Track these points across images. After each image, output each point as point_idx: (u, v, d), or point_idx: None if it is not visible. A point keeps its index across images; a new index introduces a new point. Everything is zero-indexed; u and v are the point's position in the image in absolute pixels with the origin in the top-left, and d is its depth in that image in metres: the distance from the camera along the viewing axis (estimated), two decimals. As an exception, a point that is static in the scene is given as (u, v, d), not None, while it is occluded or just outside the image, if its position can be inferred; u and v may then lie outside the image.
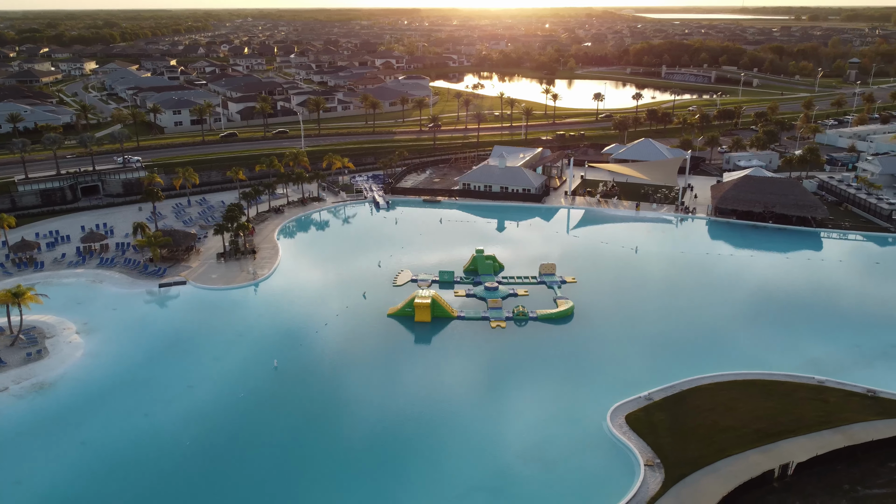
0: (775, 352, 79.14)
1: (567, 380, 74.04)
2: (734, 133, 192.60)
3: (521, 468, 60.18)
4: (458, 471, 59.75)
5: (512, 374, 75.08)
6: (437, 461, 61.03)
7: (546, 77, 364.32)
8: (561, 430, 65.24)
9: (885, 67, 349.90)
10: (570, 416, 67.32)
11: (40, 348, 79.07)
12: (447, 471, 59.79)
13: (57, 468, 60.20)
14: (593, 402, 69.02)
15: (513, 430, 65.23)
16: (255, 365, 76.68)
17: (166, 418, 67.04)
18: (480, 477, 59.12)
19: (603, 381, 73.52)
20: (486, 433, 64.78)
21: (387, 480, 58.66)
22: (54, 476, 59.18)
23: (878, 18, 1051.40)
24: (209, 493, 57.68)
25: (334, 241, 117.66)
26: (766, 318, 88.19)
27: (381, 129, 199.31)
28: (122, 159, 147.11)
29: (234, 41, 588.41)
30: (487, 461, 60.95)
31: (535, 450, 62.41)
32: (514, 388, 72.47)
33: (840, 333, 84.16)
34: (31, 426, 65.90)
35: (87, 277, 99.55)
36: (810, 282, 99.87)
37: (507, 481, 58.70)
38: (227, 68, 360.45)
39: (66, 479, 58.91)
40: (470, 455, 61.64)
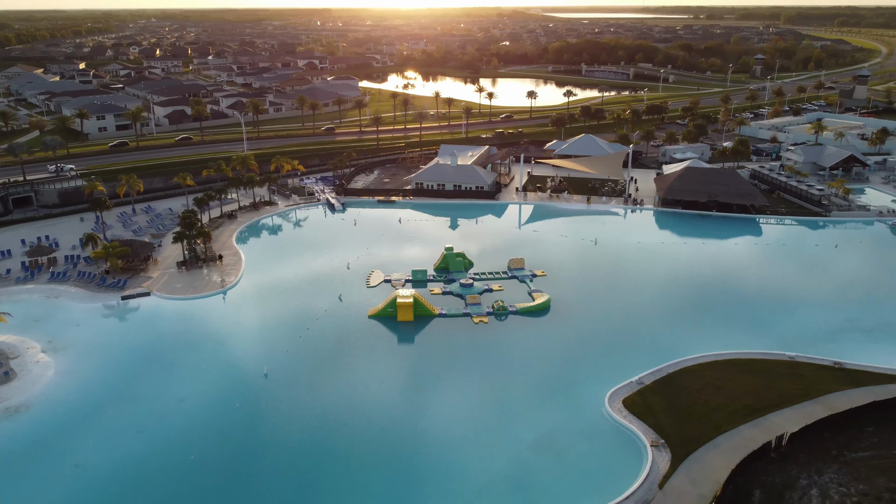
0: (744, 332, 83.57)
1: (558, 370, 75.83)
2: (662, 127, 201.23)
3: (534, 458, 61.44)
4: (474, 466, 60.39)
5: (504, 368, 76.32)
6: (451, 458, 61.43)
7: (471, 76, 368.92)
8: (564, 418, 66.91)
9: (787, 63, 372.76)
10: (569, 405, 69.11)
11: (6, 370, 74.40)
12: (462, 466, 60.29)
13: (54, 494, 57.06)
14: (588, 390, 71.12)
15: (518, 422, 66.38)
16: (244, 374, 74.82)
17: (162, 434, 64.55)
18: (497, 470, 59.95)
19: (592, 369, 75.75)
20: (493, 426, 65.71)
21: (405, 480, 58.68)
22: (53, 501, 56.06)
23: (768, 17, 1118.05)
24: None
25: (296, 245, 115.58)
26: (729, 301, 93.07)
27: (321, 130, 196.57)
28: (56, 168, 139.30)
29: (142, 43, 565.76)
30: (501, 454, 61.87)
31: (544, 439, 63.82)
32: (509, 380, 73.71)
33: (797, 312, 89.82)
34: (15, 452, 62.05)
35: (41, 293, 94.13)
36: (761, 265, 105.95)
37: (523, 472, 59.82)
38: (143, 71, 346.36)
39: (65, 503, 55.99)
40: (482, 449, 62.40)
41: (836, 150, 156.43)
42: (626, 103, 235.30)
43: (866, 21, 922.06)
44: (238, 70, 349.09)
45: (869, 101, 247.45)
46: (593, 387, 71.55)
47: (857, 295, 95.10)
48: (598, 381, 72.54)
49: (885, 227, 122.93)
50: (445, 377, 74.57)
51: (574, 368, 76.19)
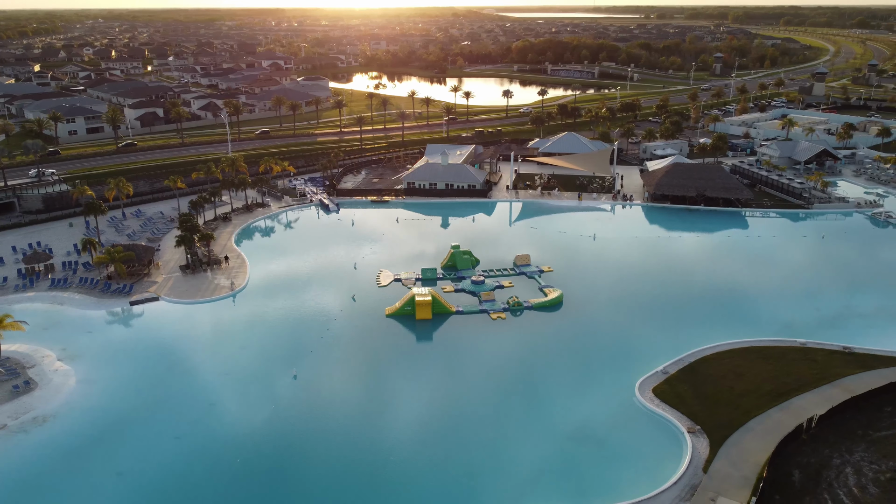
0: (751, 321, 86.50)
1: (582, 362, 77.45)
2: (635, 124, 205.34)
3: (577, 448, 62.78)
4: (520, 458, 61.41)
5: (529, 362, 77.62)
6: (496, 451, 62.29)
7: (437, 76, 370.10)
8: (598, 408, 68.46)
9: (743, 61, 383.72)
10: (601, 396, 70.69)
11: (26, 380, 72.47)
12: (509, 459, 61.23)
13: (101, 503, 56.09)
14: (617, 381, 72.93)
15: (554, 414, 67.67)
16: (272, 376, 74.40)
17: (200, 439, 63.92)
18: (543, 461, 61.09)
19: (615, 360, 77.52)
20: (533, 419, 66.85)
21: (456, 477, 59.29)
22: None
23: (716, 16, 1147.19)
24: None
25: (298, 246, 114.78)
26: (731, 291, 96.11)
27: (301, 131, 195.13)
28: (38, 172, 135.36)
29: (94, 44, 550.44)
30: (544, 445, 63.04)
31: (583, 430, 65.24)
32: (537, 374, 74.99)
33: (798, 300, 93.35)
34: (53, 463, 60.66)
35: (44, 301, 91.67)
36: (756, 256, 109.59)
37: (569, 462, 61.12)
38: (103, 73, 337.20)
39: (118, 512, 55.16)
40: (525, 441, 63.48)
41: (809, 145, 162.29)
42: (599, 101, 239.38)
43: (810, 20, 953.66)
44: (202, 71, 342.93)
45: (828, 97, 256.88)
46: (620, 377, 73.37)
47: (850, 282, 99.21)
48: (624, 371, 74.40)
49: (863, 217, 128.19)
50: (475, 373, 75.40)
51: (597, 360, 77.82)
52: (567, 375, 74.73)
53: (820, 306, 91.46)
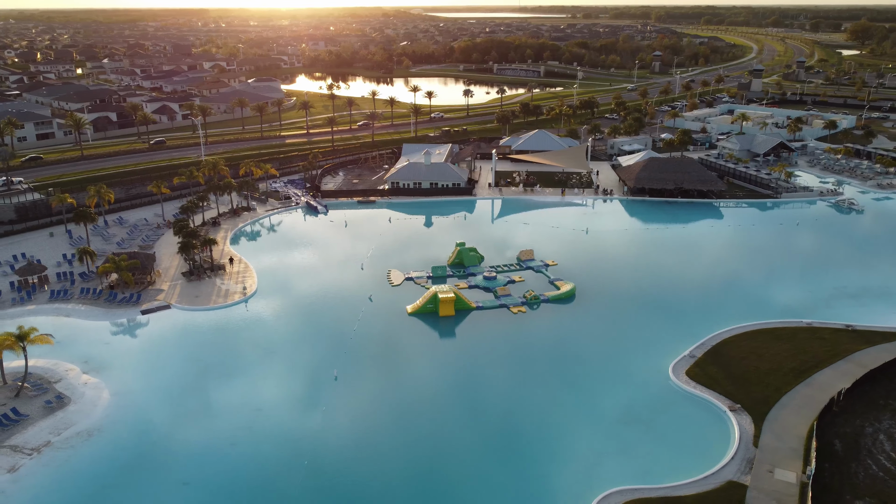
0: (755, 304, 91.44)
1: (610, 350, 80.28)
2: (592, 121, 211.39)
3: (627, 431, 65.33)
4: (575, 444, 63.45)
5: (561, 351, 79.92)
6: (553, 438, 64.13)
7: (383, 76, 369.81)
8: (639, 393, 71.30)
9: (676, 59, 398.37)
10: (638, 380, 73.59)
11: (57, 395, 69.97)
12: (564, 446, 63.16)
13: (174, 513, 55.20)
14: (649, 366, 76.07)
15: (597, 400, 70.11)
16: (312, 378, 74.17)
17: (257, 445, 63.26)
18: (598, 445, 63.29)
19: (641, 347, 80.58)
20: (579, 406, 69.10)
21: (519, 465, 60.82)
22: (179, 521, 54.32)
23: (639, 16, 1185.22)
24: None
25: (296, 248, 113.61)
26: (728, 278, 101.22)
27: (268, 133, 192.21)
28: (6, 181, 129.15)
29: (13, 46, 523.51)
30: (594, 431, 65.31)
31: (630, 413, 67.91)
32: (572, 363, 77.38)
33: (791, 283, 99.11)
34: (110, 478, 58.95)
35: (48, 314, 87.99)
36: (743, 244, 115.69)
37: (623, 445, 63.52)
38: (36, 76, 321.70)
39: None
40: (576, 428, 65.58)
41: (766, 138, 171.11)
42: (558, 99, 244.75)
43: (729, 19, 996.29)
44: (142, 74, 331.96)
45: (766, 93, 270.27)
46: (651, 363, 76.58)
47: (832, 265, 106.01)
48: (653, 357, 77.69)
49: (826, 204, 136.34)
50: (512, 364, 77.12)
51: (624, 348, 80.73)
52: (600, 363, 77.40)
53: (811, 289, 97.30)
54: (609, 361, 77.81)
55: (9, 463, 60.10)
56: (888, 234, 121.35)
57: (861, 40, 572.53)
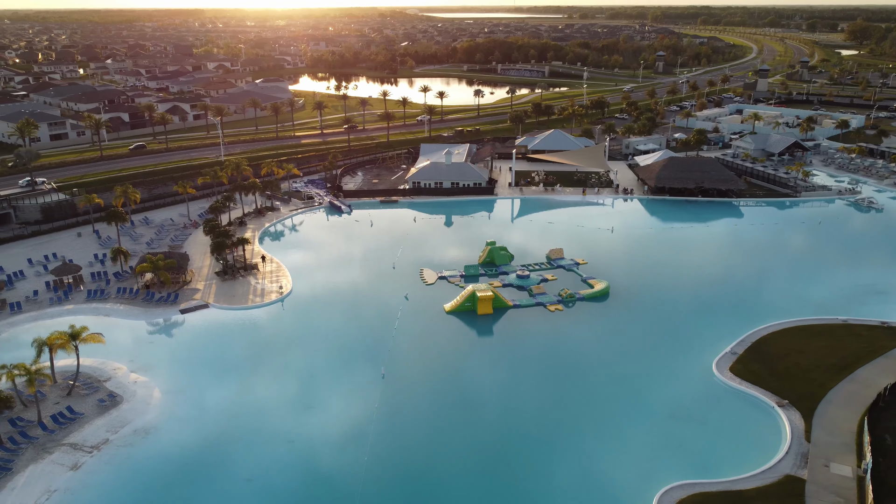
0: (789, 301, 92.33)
1: (652, 347, 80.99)
2: (603, 121, 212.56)
3: (680, 428, 66.11)
4: (633, 440, 64.20)
5: (603, 349, 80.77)
6: (609, 434, 64.86)
7: (387, 76, 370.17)
8: (686, 389, 72.05)
9: (677, 59, 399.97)
10: (683, 376, 74.40)
11: (110, 393, 70.33)
12: (624, 441, 63.92)
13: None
14: (692, 363, 76.95)
15: (647, 397, 70.83)
16: (360, 375, 74.71)
17: (313, 442, 63.81)
18: (652, 441, 64.06)
19: (682, 344, 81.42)
20: (629, 402, 69.82)
21: (578, 459, 61.54)
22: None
23: (635, 16, 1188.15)
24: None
25: (326, 248, 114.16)
26: (758, 276, 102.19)
27: (282, 133, 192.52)
28: (31, 181, 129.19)
29: (12, 46, 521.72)
30: (646, 426, 66.05)
31: (680, 410, 68.64)
32: (615, 360, 78.12)
33: (821, 281, 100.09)
34: (172, 474, 59.38)
35: (87, 313, 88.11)
36: (768, 242, 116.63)
37: (676, 439, 64.30)
38: (41, 77, 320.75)
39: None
40: (633, 424, 66.31)
41: (780, 138, 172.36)
42: (568, 99, 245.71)
43: (725, 19, 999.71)
44: (147, 74, 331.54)
45: (773, 92, 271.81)
46: (694, 360, 77.48)
47: (859, 263, 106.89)
48: (695, 354, 78.59)
49: (844, 203, 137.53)
50: (557, 362, 77.80)
51: (665, 345, 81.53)
52: (643, 360, 78.11)
53: (841, 286, 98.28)
54: (651, 358, 78.55)
55: (71, 461, 60.48)
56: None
57: (859, 40, 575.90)
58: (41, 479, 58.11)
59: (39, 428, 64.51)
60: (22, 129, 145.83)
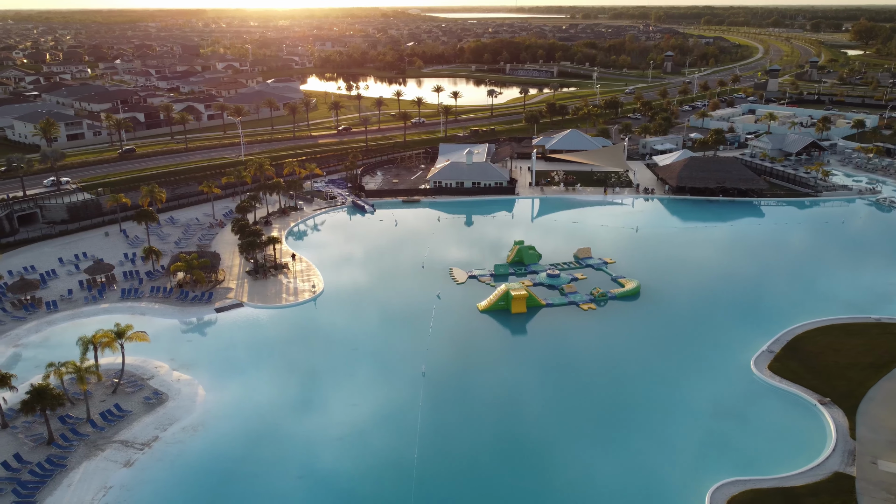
0: (819, 300, 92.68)
1: (688, 345, 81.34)
2: (616, 121, 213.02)
3: (723, 425, 66.49)
4: (678, 437, 64.60)
5: (639, 347, 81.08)
6: (654, 431, 65.27)
7: (396, 77, 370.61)
8: (726, 387, 72.47)
9: (685, 59, 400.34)
10: (722, 374, 74.81)
11: (155, 391, 70.80)
12: (670, 438, 64.34)
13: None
14: (729, 361, 77.37)
15: (687, 395, 71.24)
16: (400, 373, 75.17)
17: (361, 439, 64.25)
18: (697, 438, 64.47)
19: (718, 343, 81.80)
20: (671, 400, 70.25)
21: (624, 457, 61.97)
22: (304, 514, 55.28)
23: (638, 16, 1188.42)
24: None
25: (354, 247, 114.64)
26: (788, 274, 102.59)
27: (300, 133, 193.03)
28: (56, 181, 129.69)
29: (17, 46, 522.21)
30: (689, 424, 66.47)
31: (722, 408, 69.03)
32: (652, 358, 78.48)
33: (849, 279, 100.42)
34: (224, 471, 59.85)
35: (123, 312, 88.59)
36: (793, 241, 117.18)
37: (720, 436, 64.68)
38: (52, 77, 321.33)
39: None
40: (676, 421, 66.74)
41: (797, 137, 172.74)
42: (582, 99, 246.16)
43: (729, 19, 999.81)
44: (157, 74, 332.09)
45: (785, 92, 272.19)
46: (732, 358, 77.94)
47: (886, 262, 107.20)
48: (732, 352, 79.08)
49: (865, 203, 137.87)
50: (594, 361, 78.29)
51: (700, 343, 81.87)
52: (681, 358, 78.51)
53: (870, 285, 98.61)
54: (689, 357, 78.94)
55: (123, 458, 60.95)
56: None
57: (865, 40, 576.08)
58: (96, 476, 58.60)
59: (89, 425, 65.01)
60: (45, 130, 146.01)
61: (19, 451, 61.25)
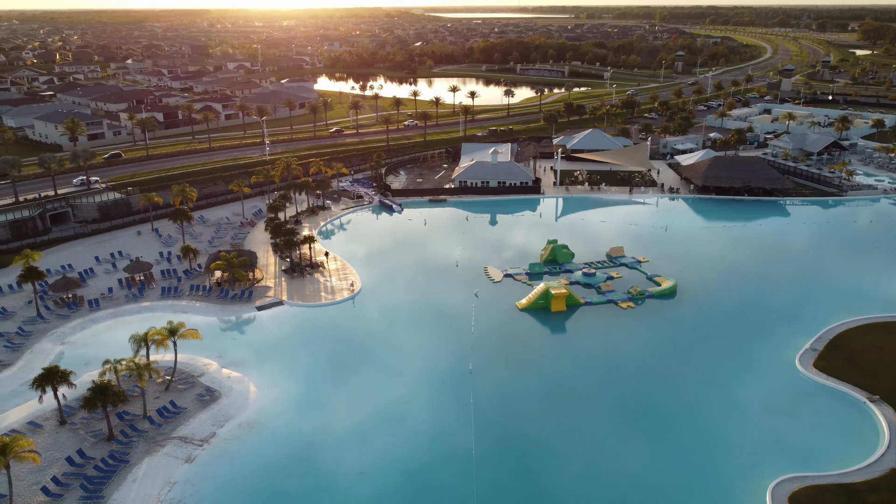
0: (856, 299, 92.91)
1: (731, 344, 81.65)
2: (633, 120, 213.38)
3: (774, 422, 66.89)
4: (731, 433, 65.01)
5: (683, 345, 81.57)
6: (707, 428, 65.72)
7: (406, 76, 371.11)
8: (773, 384, 72.87)
9: (694, 59, 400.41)
10: (768, 372, 75.17)
11: (207, 388, 71.35)
12: (724, 435, 64.75)
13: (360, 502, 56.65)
14: (774, 359, 77.79)
15: (736, 390, 71.68)
16: (447, 370, 75.69)
17: (415, 435, 64.80)
18: (748, 434, 64.83)
19: (760, 340, 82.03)
20: (720, 397, 70.70)
21: (681, 454, 62.42)
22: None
23: (642, 16, 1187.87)
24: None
25: (386, 246, 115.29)
26: (822, 273, 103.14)
27: (322, 132, 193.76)
28: (86, 180, 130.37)
29: (25, 47, 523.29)
30: (744, 420, 66.88)
31: (772, 404, 69.45)
32: (697, 356, 78.95)
33: (888, 278, 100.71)
34: (285, 466, 60.36)
35: (165, 310, 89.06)
36: (825, 240, 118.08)
37: (773, 433, 65.04)
38: (66, 77, 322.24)
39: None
40: (729, 418, 67.17)
41: (818, 137, 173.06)
42: (599, 99, 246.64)
43: (734, 19, 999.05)
44: (169, 74, 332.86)
45: (799, 92, 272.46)
46: (776, 356, 78.37)
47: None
48: (775, 350, 79.52)
49: (890, 202, 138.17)
50: (640, 358, 78.55)
51: (743, 341, 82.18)
52: (724, 356, 78.88)
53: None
54: (732, 355, 79.28)
55: (184, 454, 61.48)
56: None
57: (873, 40, 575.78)
58: (159, 472, 59.13)
59: (147, 422, 65.56)
60: (72, 129, 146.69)
61: (81, 446, 61.78)
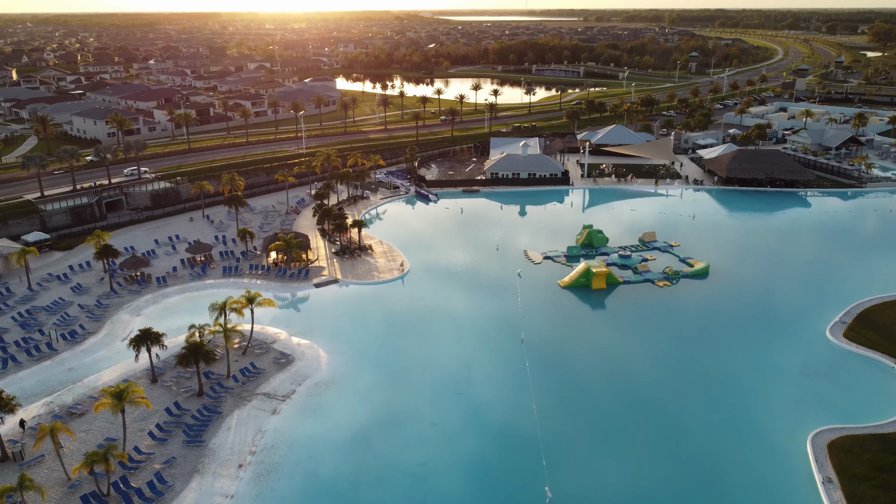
0: (883, 277, 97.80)
1: (764, 317, 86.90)
2: (652, 118, 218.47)
3: (811, 383, 72.12)
4: (772, 391, 70.22)
5: (721, 319, 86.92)
6: (751, 389, 70.97)
7: (423, 77, 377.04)
8: (808, 351, 78.13)
9: (708, 60, 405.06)
10: (802, 341, 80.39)
11: (281, 353, 77.00)
12: (768, 394, 69.97)
13: (434, 451, 61.98)
14: (806, 330, 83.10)
15: (775, 357, 76.88)
16: (500, 340, 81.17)
17: (480, 393, 70.31)
18: (790, 392, 70.11)
19: (791, 315, 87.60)
20: (759, 361, 75.95)
21: (729, 412, 67.67)
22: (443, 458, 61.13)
23: (651, 19, 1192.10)
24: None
25: (428, 232, 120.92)
26: (846, 256, 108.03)
27: (351, 129, 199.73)
28: (137, 171, 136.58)
29: (45, 48, 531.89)
30: (784, 381, 72.08)
31: (807, 367, 74.69)
32: (735, 328, 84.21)
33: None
34: (362, 420, 65.86)
35: (229, 287, 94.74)
36: (847, 227, 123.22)
37: (811, 392, 70.29)
38: (92, 77, 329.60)
39: (455, 458, 61.18)
40: (773, 380, 72.40)
41: (836, 132, 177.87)
42: (619, 97, 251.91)
43: (743, 22, 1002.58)
44: (193, 74, 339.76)
45: (814, 91, 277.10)
46: (807, 327, 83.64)
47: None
48: (805, 323, 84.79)
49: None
50: (682, 330, 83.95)
51: (776, 314, 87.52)
52: (759, 328, 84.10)
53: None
54: (767, 326, 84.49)
55: (269, 407, 67.14)
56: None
57: (884, 42, 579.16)
58: (250, 422, 64.77)
59: (232, 380, 71.25)
60: (120, 123, 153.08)
61: (176, 400, 67.45)
